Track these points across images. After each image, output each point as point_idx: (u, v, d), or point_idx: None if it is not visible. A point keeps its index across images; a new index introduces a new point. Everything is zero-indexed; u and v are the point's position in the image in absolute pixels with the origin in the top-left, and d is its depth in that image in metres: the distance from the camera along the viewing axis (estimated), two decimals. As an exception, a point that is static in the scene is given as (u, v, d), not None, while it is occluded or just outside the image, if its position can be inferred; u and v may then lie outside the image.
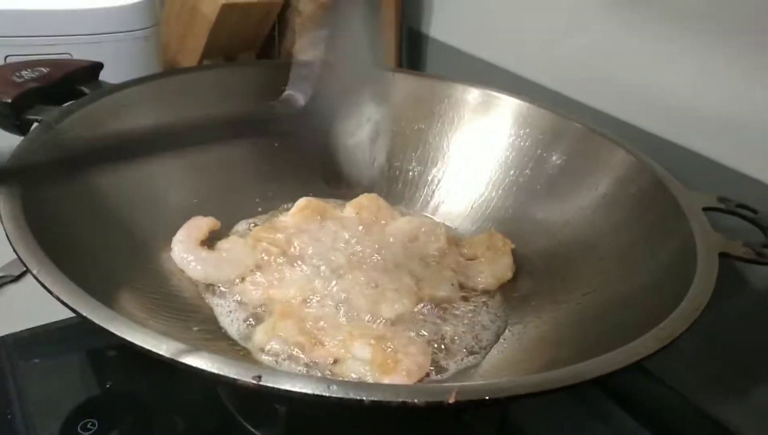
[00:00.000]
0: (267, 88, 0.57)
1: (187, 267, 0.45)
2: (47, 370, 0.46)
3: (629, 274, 0.41)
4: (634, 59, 0.56)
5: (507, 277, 0.48)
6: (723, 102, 0.49)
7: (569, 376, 0.25)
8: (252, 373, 0.24)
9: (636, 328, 0.33)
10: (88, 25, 0.58)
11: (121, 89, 0.48)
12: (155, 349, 0.24)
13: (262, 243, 0.47)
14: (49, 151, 0.40)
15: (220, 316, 0.43)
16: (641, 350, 0.28)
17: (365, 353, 0.39)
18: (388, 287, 0.45)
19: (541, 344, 0.41)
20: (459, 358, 0.42)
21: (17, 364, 0.46)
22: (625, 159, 0.46)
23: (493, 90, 0.56)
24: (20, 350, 0.47)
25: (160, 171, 0.49)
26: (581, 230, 0.48)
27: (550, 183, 0.51)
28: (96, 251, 0.40)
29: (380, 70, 0.58)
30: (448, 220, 0.56)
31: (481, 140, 0.56)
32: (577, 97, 0.60)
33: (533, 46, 0.65)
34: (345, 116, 0.39)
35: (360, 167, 0.40)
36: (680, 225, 0.39)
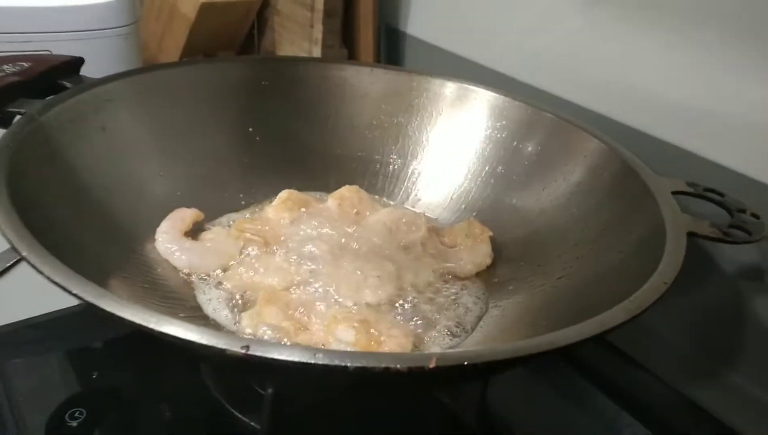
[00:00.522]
0: (248, 84, 0.59)
1: (171, 257, 0.46)
2: (33, 363, 0.47)
3: (602, 257, 0.42)
4: (606, 53, 0.57)
5: (486, 263, 0.50)
6: (691, 93, 0.51)
7: (543, 343, 0.27)
8: (240, 343, 0.25)
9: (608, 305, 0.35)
10: (68, 22, 0.58)
11: (102, 84, 0.49)
12: (145, 322, 0.25)
13: (245, 233, 0.48)
14: (32, 142, 0.40)
15: (205, 304, 0.44)
16: (610, 320, 0.29)
17: (349, 336, 0.40)
18: (370, 274, 0.46)
19: (518, 324, 0.43)
20: (441, 339, 0.43)
21: (2, 358, 0.46)
22: (596, 147, 0.48)
23: (469, 84, 0.57)
24: (5, 344, 0.47)
25: (142, 163, 0.50)
26: (556, 218, 0.49)
27: (526, 173, 0.53)
28: (82, 240, 0.40)
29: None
30: (428, 210, 0.57)
31: (458, 132, 0.58)
32: (552, 90, 0.62)
33: (508, 42, 0.67)
34: None
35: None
36: (650, 208, 0.41)
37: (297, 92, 0.59)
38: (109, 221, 0.44)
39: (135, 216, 0.47)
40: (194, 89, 0.55)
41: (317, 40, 0.77)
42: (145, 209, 0.48)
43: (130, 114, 0.50)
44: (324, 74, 0.60)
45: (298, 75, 0.60)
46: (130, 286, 0.41)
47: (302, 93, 0.60)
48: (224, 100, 0.57)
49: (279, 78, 0.59)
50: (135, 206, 0.47)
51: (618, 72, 0.56)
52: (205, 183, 0.53)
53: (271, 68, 0.59)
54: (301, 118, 0.59)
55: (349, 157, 0.60)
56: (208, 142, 0.55)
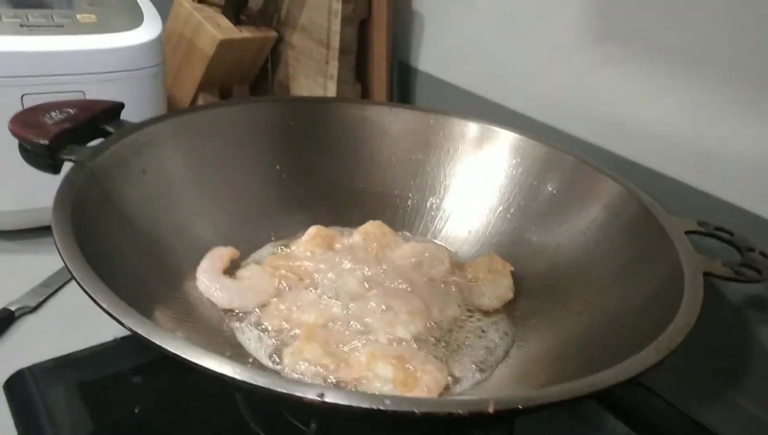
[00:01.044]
0: (274, 123, 0.61)
1: (212, 295, 0.48)
2: (75, 397, 0.48)
3: (622, 295, 0.45)
4: (613, 91, 0.60)
5: (508, 297, 0.52)
6: (698, 132, 0.54)
7: (589, 385, 0.29)
8: (316, 391, 0.27)
9: (634, 345, 0.37)
10: (101, 63, 0.61)
11: (141, 128, 0.51)
12: (227, 372, 0.27)
13: (279, 270, 0.51)
14: (86, 188, 0.43)
15: (247, 341, 0.46)
16: (645, 361, 0.32)
17: (387, 372, 0.42)
18: (401, 310, 0.48)
19: (545, 360, 0.45)
20: (470, 373, 0.45)
21: (46, 393, 0.48)
22: (615, 189, 0.50)
23: (486, 123, 0.60)
24: (47, 379, 0.49)
25: (180, 203, 0.52)
26: (574, 254, 0.52)
27: (544, 210, 0.55)
28: (131, 279, 0.42)
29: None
30: (447, 243, 0.60)
31: (475, 169, 0.60)
32: (561, 127, 0.65)
33: (518, 79, 0.70)
34: None
35: None
36: (666, 248, 0.43)
37: (320, 131, 0.62)
38: (155, 261, 0.46)
39: (175, 255, 0.49)
40: (224, 130, 0.57)
41: (332, 76, 0.80)
42: (185, 248, 0.50)
43: (166, 156, 0.52)
44: (345, 114, 0.63)
45: (321, 114, 0.62)
46: (177, 325, 0.43)
47: (325, 132, 0.62)
48: (253, 139, 0.59)
49: (304, 118, 0.62)
50: (175, 246, 0.49)
51: (624, 110, 0.59)
52: (238, 220, 0.56)
53: (297, 108, 0.62)
54: (325, 155, 0.62)
55: (370, 192, 0.62)
56: (239, 181, 0.57)
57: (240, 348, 0.45)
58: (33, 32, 0.59)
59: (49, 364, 0.50)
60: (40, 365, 0.50)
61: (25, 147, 0.44)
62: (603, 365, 0.36)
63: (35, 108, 0.48)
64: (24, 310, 0.57)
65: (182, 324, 0.43)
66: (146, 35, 0.63)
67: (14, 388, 0.48)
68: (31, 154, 0.44)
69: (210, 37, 0.81)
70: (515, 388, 0.42)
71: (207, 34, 0.81)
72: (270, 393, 0.27)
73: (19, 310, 0.56)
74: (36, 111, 0.47)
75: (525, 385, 0.43)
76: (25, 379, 0.49)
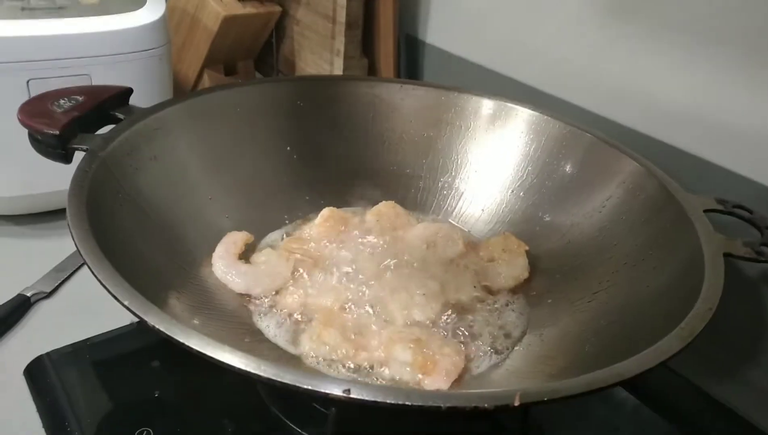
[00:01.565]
0: (284, 104, 0.60)
1: (228, 281, 0.48)
2: (94, 382, 0.49)
3: (640, 275, 0.45)
4: (625, 66, 0.59)
5: (524, 276, 0.52)
6: (715, 107, 0.53)
7: (612, 376, 0.29)
8: (342, 387, 0.27)
9: (653, 327, 0.37)
10: (106, 46, 0.60)
11: (152, 113, 0.51)
12: (254, 370, 0.27)
13: (295, 254, 0.50)
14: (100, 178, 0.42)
15: (265, 327, 0.46)
16: (668, 350, 0.32)
17: (406, 356, 0.42)
18: (416, 292, 0.48)
19: (562, 341, 0.45)
20: (487, 356, 0.45)
21: (66, 379, 0.48)
22: (631, 166, 0.50)
23: (502, 99, 0.59)
24: (66, 365, 0.49)
25: (192, 188, 0.52)
26: (589, 232, 0.52)
27: (558, 188, 0.55)
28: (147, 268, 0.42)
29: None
30: (461, 223, 0.60)
31: (489, 147, 0.60)
32: (571, 100, 0.64)
33: (528, 52, 0.69)
34: None
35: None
36: (686, 228, 0.43)
37: (330, 110, 0.61)
38: (170, 249, 0.46)
39: (190, 242, 0.49)
40: (234, 112, 0.57)
41: (339, 51, 0.79)
42: (199, 234, 0.50)
43: (176, 141, 0.52)
44: (355, 92, 0.62)
45: (330, 94, 0.62)
46: (194, 313, 0.43)
47: (335, 111, 0.61)
48: (262, 121, 0.58)
49: (313, 97, 0.61)
50: (189, 232, 0.49)
51: (639, 85, 0.58)
52: (250, 204, 0.55)
53: (306, 88, 0.61)
54: (335, 135, 0.61)
55: (382, 172, 0.62)
56: (249, 164, 0.57)
57: (259, 334, 0.45)
58: (35, 15, 0.58)
59: (67, 350, 0.50)
60: (59, 351, 0.50)
61: (35, 137, 0.44)
62: (622, 348, 0.37)
63: (42, 96, 0.47)
64: (40, 296, 0.57)
65: (199, 312, 0.43)
66: (150, 15, 0.62)
67: (35, 375, 0.48)
68: (42, 144, 0.44)
69: (214, 13, 0.80)
70: (533, 372, 0.42)
71: (210, 10, 0.80)
72: (296, 389, 0.27)
73: (35, 295, 0.57)
74: (43, 99, 0.47)
75: (543, 368, 0.43)
76: (45, 365, 0.49)
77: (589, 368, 0.36)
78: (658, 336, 0.34)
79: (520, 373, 0.43)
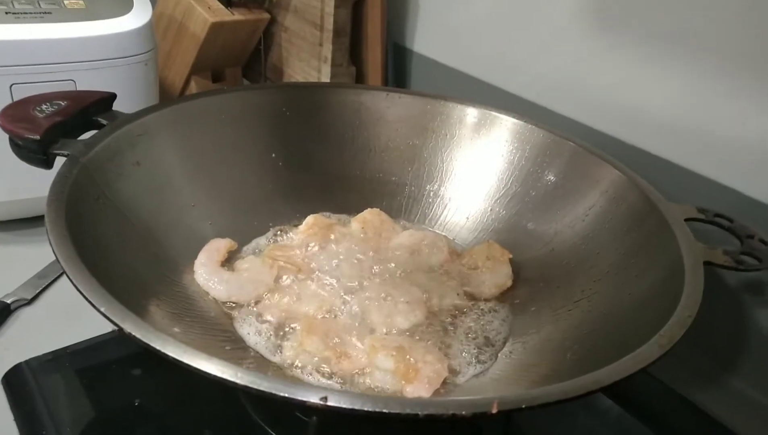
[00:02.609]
0: (269, 111, 0.60)
1: (211, 289, 0.48)
2: (74, 390, 0.48)
3: (622, 283, 0.45)
4: (609, 76, 0.60)
5: (507, 284, 0.52)
6: (697, 116, 0.54)
7: (590, 383, 0.29)
8: (319, 395, 0.27)
9: (634, 335, 0.37)
10: (92, 51, 0.59)
11: (135, 119, 0.50)
12: (230, 377, 0.27)
13: (278, 261, 0.50)
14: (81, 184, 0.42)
15: (246, 335, 0.45)
16: (647, 357, 0.32)
17: (388, 364, 0.42)
18: (399, 300, 0.48)
19: (544, 349, 0.45)
20: (471, 363, 0.45)
21: (45, 387, 0.47)
22: (613, 175, 0.50)
23: (487, 108, 0.60)
24: (46, 373, 0.49)
25: (175, 194, 0.52)
26: (571, 241, 0.52)
27: (542, 196, 0.55)
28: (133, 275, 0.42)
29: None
30: (446, 230, 0.60)
31: (474, 155, 0.60)
32: (557, 110, 0.64)
33: (515, 62, 0.69)
34: None
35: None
36: (667, 237, 0.43)
37: (316, 117, 0.61)
38: (151, 255, 0.46)
39: (172, 248, 0.49)
40: (219, 119, 0.57)
41: (326, 58, 0.79)
42: (181, 240, 0.50)
43: (160, 147, 0.52)
44: (341, 99, 0.62)
45: (316, 101, 0.62)
46: (175, 320, 0.43)
47: (321, 118, 0.61)
48: (247, 127, 0.58)
49: (299, 104, 0.61)
50: (172, 239, 0.49)
51: (624, 94, 0.59)
52: (234, 210, 0.55)
53: (292, 95, 0.61)
54: (321, 142, 0.61)
55: (367, 179, 0.62)
56: (234, 170, 0.56)
57: (240, 342, 0.45)
58: (20, 20, 0.57)
59: (47, 357, 0.50)
60: (38, 358, 0.49)
61: (16, 142, 0.43)
62: (603, 356, 0.37)
63: (25, 100, 0.47)
64: (20, 303, 0.56)
65: (180, 319, 0.43)
66: (136, 21, 0.62)
67: (13, 383, 0.48)
68: (23, 149, 0.43)
69: (201, 20, 0.80)
70: (516, 379, 0.42)
71: (198, 17, 0.80)
72: (272, 396, 0.27)
73: (15, 302, 0.56)
74: (26, 104, 0.46)
75: (526, 376, 0.43)
76: (24, 373, 0.48)
77: (570, 376, 0.36)
78: (638, 343, 0.34)
79: (503, 381, 0.43)
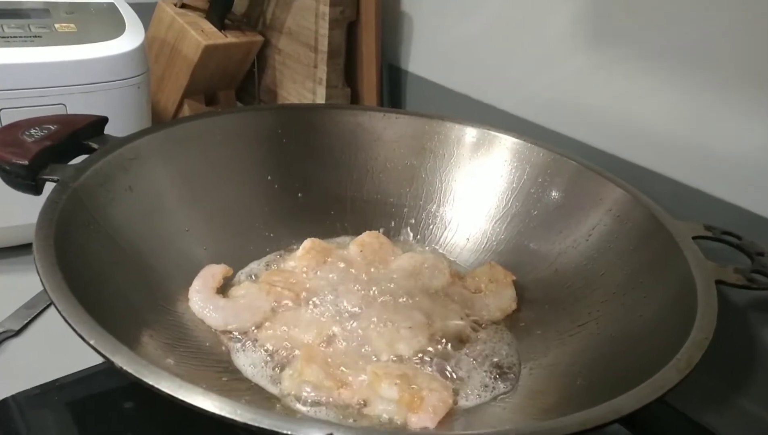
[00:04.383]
0: (264, 132, 0.59)
1: (206, 316, 0.46)
2: (64, 426, 0.46)
3: (631, 305, 0.44)
4: (607, 92, 0.59)
5: (511, 308, 0.51)
6: (699, 132, 0.53)
7: (608, 413, 0.28)
8: (324, 431, 0.25)
9: (647, 358, 0.36)
10: (83, 75, 0.58)
11: (127, 142, 0.49)
12: (229, 414, 0.25)
13: (275, 287, 0.49)
14: (70, 209, 0.41)
15: (244, 364, 0.44)
16: (666, 382, 0.30)
17: (392, 393, 0.40)
18: (401, 325, 0.46)
19: (553, 374, 0.44)
20: (477, 390, 0.44)
21: (33, 423, 0.45)
22: (617, 194, 0.49)
23: (486, 127, 0.59)
24: (34, 408, 0.47)
25: (169, 220, 0.50)
26: (576, 261, 0.51)
27: (544, 216, 0.54)
28: (124, 304, 0.40)
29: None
30: (446, 252, 0.58)
31: (473, 175, 0.59)
32: (554, 128, 0.63)
33: (510, 81, 0.69)
34: None
35: None
36: (675, 256, 0.42)
37: (312, 139, 0.60)
38: (144, 283, 0.44)
39: (166, 275, 0.47)
40: (212, 141, 0.55)
41: (321, 80, 0.78)
42: (175, 267, 0.48)
43: (153, 171, 0.50)
44: (337, 120, 0.61)
45: (312, 122, 0.61)
46: (169, 351, 0.41)
47: (317, 139, 0.60)
48: (242, 150, 0.57)
49: (294, 126, 0.60)
50: (165, 264, 0.47)
51: (622, 111, 0.58)
52: (229, 235, 0.54)
53: (286, 116, 0.60)
54: (317, 164, 0.60)
55: (365, 201, 0.61)
56: (228, 194, 0.55)
57: (237, 373, 0.43)
58: (9, 44, 0.56)
59: (35, 392, 0.47)
60: (26, 392, 0.47)
61: (3, 168, 0.42)
62: (615, 381, 0.35)
63: (13, 125, 0.46)
64: (8, 334, 0.54)
65: (175, 350, 0.41)
66: (128, 44, 0.61)
67: (-1, 419, 0.46)
68: (11, 175, 0.42)
69: (194, 43, 0.79)
70: (524, 407, 0.41)
71: (191, 40, 0.79)
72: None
73: (3, 334, 0.54)
74: (14, 128, 0.45)
75: (534, 403, 0.41)
76: (10, 409, 0.46)
77: (581, 402, 0.34)
78: (652, 367, 0.33)
79: (510, 409, 0.41)
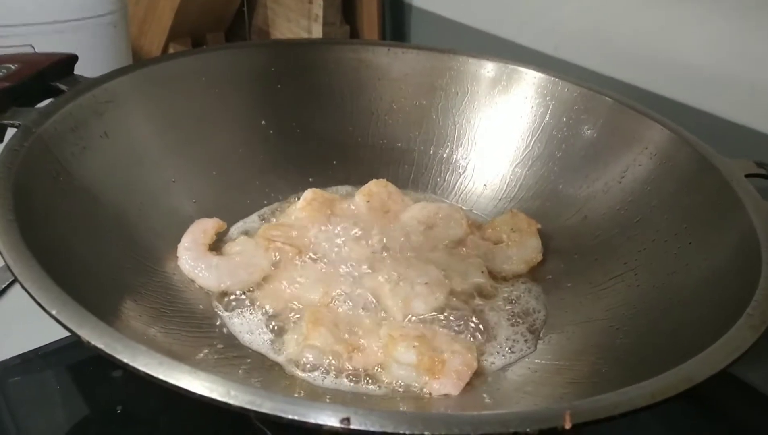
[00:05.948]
0: (257, 72, 0.53)
1: (197, 276, 0.41)
2: (47, 398, 0.42)
3: (674, 254, 0.39)
4: (645, 21, 0.54)
5: (537, 259, 0.46)
6: (739, 62, 0.48)
7: (679, 382, 0.23)
8: (339, 415, 0.20)
9: (704, 314, 0.32)
10: (51, 11, 0.52)
11: (101, 83, 0.43)
12: (221, 397, 0.21)
13: (275, 242, 0.44)
14: (34, 157, 0.35)
15: (241, 328, 0.39)
16: (740, 342, 0.25)
17: (410, 357, 0.36)
18: (416, 281, 0.42)
19: (588, 332, 0.39)
20: (502, 351, 0.39)
21: (13, 395, 0.41)
22: (658, 133, 0.44)
23: (506, 62, 0.53)
24: (12, 378, 0.43)
25: (152, 170, 0.45)
26: (608, 206, 0.46)
27: (571, 158, 0.49)
28: (98, 265, 0.36)
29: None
30: (461, 201, 0.53)
31: (491, 116, 0.54)
32: (577, 62, 0.58)
33: (528, 11, 0.63)
34: None
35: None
36: (727, 198, 0.37)
37: (309, 78, 0.55)
38: (125, 241, 0.40)
39: (151, 232, 0.42)
40: (199, 82, 0.50)
41: (317, 16, 0.71)
42: (161, 223, 0.43)
43: (133, 115, 0.45)
44: (337, 57, 0.55)
45: (310, 60, 0.55)
46: (157, 319, 0.36)
47: (315, 79, 0.55)
48: (232, 92, 0.52)
49: (290, 64, 0.54)
50: (149, 221, 0.43)
51: (653, 42, 0.53)
52: (221, 186, 0.49)
53: (281, 54, 0.54)
54: (316, 106, 0.55)
55: (370, 146, 0.56)
56: (219, 141, 0.50)
57: (233, 339, 0.38)
58: (-34, -23, 0.50)
59: (14, 362, 0.44)
60: (4, 363, 0.43)
61: (-44, 112, 0.36)
62: (659, 341, 0.31)
63: (-33, 65, 0.40)
64: (-18, 302, 0.50)
65: (162, 316, 0.36)
66: (101, -25, 0.54)
67: (-25, 391, 0.42)
68: (-36, 120, 0.36)
69: (177, -21, 0.72)
70: (559, 370, 0.36)
71: (173, -24, 0.72)
72: (278, 420, 0.21)
73: (-22, 300, 0.49)
74: (-32, 68, 0.39)
75: (569, 364, 0.37)
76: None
77: (629, 364, 0.30)
78: (714, 324, 0.28)
79: (543, 372, 0.37)
